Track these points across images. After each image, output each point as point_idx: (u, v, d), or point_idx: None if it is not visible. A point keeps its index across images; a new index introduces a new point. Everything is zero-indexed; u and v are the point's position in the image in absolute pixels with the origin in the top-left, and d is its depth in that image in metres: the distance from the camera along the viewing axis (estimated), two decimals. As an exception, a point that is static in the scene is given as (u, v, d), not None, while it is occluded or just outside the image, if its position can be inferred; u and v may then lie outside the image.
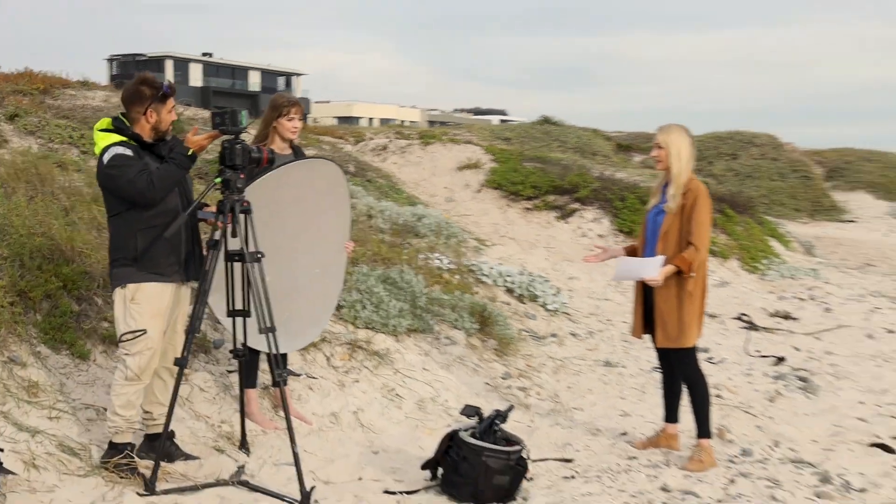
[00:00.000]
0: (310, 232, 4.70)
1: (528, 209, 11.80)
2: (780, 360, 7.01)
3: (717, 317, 8.50)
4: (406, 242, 8.10)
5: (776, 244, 12.93)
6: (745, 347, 7.49)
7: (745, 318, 8.69)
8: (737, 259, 11.36)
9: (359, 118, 62.12)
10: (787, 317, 8.95)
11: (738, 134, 24.26)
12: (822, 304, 9.71)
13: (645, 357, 6.86)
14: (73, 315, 4.70)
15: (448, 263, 7.73)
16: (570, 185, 12.03)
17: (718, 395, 5.73)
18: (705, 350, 7.03)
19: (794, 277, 11.28)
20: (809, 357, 7.20)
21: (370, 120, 60.50)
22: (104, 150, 3.89)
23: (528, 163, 13.11)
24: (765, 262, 11.63)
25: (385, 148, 14.35)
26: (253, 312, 4.03)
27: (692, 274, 4.51)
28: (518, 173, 12.50)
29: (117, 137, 3.91)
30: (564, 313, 8.00)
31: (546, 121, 21.20)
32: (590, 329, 7.81)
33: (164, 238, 3.90)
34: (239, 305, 4.19)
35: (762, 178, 21.87)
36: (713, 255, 10.38)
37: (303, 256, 4.70)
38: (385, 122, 52.65)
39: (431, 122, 58.96)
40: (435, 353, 6.06)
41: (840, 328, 8.43)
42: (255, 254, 3.98)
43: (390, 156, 14.01)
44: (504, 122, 42.34)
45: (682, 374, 4.71)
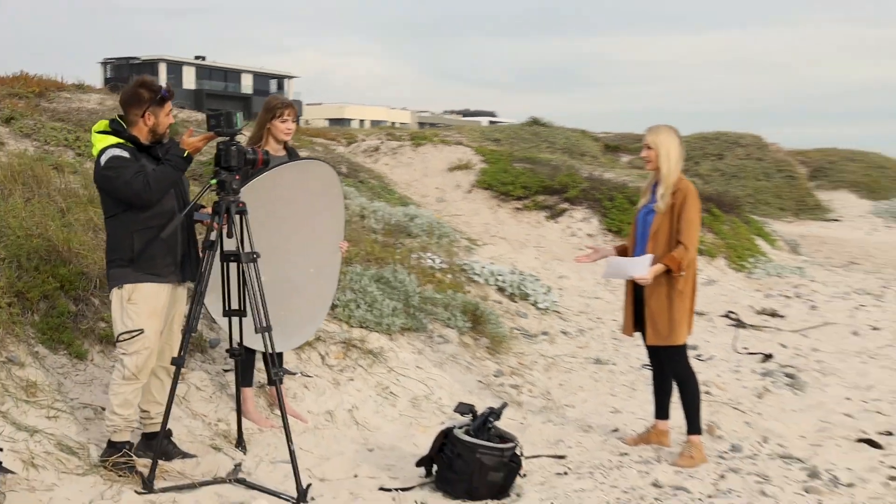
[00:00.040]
0: (304, 232, 4.73)
1: (518, 209, 11.87)
2: (768, 357, 7.07)
3: (705, 314, 8.56)
4: (399, 242, 8.14)
5: (762, 243, 13.03)
6: (733, 345, 7.55)
7: (733, 315, 8.77)
8: (724, 257, 11.45)
9: (350, 120, 62.07)
10: (773, 314, 9.03)
11: (724, 134, 24.34)
12: (807, 302, 9.82)
13: (635, 354, 6.91)
14: (71, 315, 4.72)
15: (440, 263, 7.77)
16: (560, 185, 12.10)
17: (707, 392, 5.78)
18: (694, 347, 7.07)
19: (780, 275, 11.39)
20: (796, 354, 7.27)
21: (361, 122, 60.50)
22: (101, 152, 3.91)
23: (517, 163, 13.16)
24: (751, 260, 11.74)
25: (377, 149, 14.39)
26: (249, 312, 4.05)
27: (682, 273, 4.55)
28: (508, 174, 12.56)
29: (114, 139, 3.93)
30: (555, 312, 8.05)
31: (535, 122, 21.26)
32: (580, 327, 7.86)
33: (161, 239, 3.91)
34: (235, 305, 4.21)
35: (748, 177, 21.98)
36: (701, 253, 10.46)
37: (298, 256, 4.72)
38: (376, 123, 52.67)
39: (421, 124, 59.02)
40: (428, 351, 6.10)
41: (826, 325, 8.52)
42: (251, 254, 4.00)
43: (382, 157, 14.05)
44: (493, 123, 42.35)
45: (672, 371, 4.75)
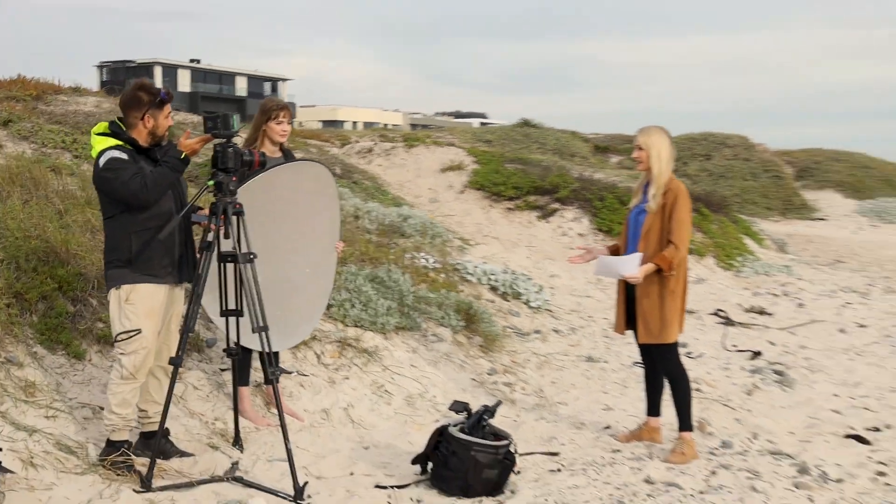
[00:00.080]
0: (301, 232, 4.75)
1: (509, 209, 11.94)
2: (757, 354, 7.14)
3: (694, 312, 8.63)
4: (392, 242, 8.19)
5: (750, 242, 13.14)
6: (722, 342, 7.63)
7: (722, 313, 8.84)
8: (712, 256, 11.56)
9: (343, 122, 62.09)
10: (761, 312, 9.11)
11: (711, 135, 24.47)
12: (795, 300, 9.92)
13: (626, 352, 6.98)
14: (69, 316, 4.74)
15: (433, 263, 7.82)
16: (551, 185, 12.19)
17: (698, 389, 5.82)
18: (684, 345, 7.12)
19: (767, 274, 11.51)
20: (784, 351, 7.35)
21: (354, 123, 60.55)
22: (100, 154, 3.93)
23: (509, 164, 13.23)
24: (739, 259, 11.84)
25: (370, 150, 14.44)
26: (246, 312, 4.07)
27: (672, 272, 4.60)
28: (500, 174, 12.63)
29: (114, 141, 3.95)
30: (547, 310, 8.12)
31: (525, 123, 21.30)
32: (572, 325, 7.92)
33: (158, 240, 3.94)
34: (232, 305, 4.24)
35: (735, 177, 22.12)
36: (690, 252, 10.53)
37: (294, 256, 4.75)
38: (368, 125, 52.70)
39: (413, 125, 59.07)
40: (422, 350, 6.14)
41: (813, 323, 8.61)
42: (248, 254, 4.03)
43: (375, 158, 14.10)
44: (484, 124, 42.37)
45: (664, 369, 4.79)
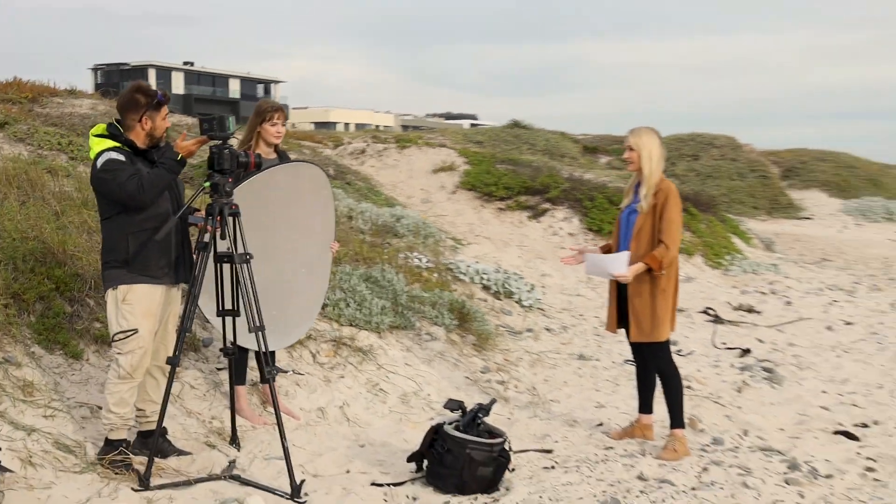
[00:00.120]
0: (296, 233, 4.79)
1: (501, 209, 12.01)
2: (746, 351, 7.22)
3: (684, 311, 8.69)
4: (386, 242, 8.24)
5: (738, 241, 13.24)
6: (712, 340, 7.70)
7: (711, 311, 8.92)
8: (701, 255, 11.66)
9: (335, 123, 62.11)
10: (750, 310, 9.20)
11: (699, 136, 24.55)
12: (783, 298, 10.02)
13: (617, 350, 7.04)
14: (66, 316, 4.77)
15: (427, 262, 7.88)
16: (541, 185, 12.25)
17: (688, 387, 5.87)
18: (674, 343, 7.18)
19: (755, 272, 11.61)
20: (773, 349, 7.43)
21: (346, 125, 60.57)
22: (98, 155, 3.96)
23: (500, 165, 13.29)
24: (728, 257, 11.95)
25: (363, 152, 14.47)
26: (242, 312, 4.11)
27: (662, 272, 4.66)
28: (491, 175, 12.69)
29: (112, 143, 3.98)
30: (539, 309, 8.18)
31: (516, 124, 21.30)
32: (563, 324, 7.99)
33: (155, 241, 3.97)
34: (229, 305, 4.27)
35: (722, 177, 22.24)
36: (679, 251, 10.65)
37: (290, 257, 4.79)
38: (360, 126, 52.69)
39: (405, 127, 59.08)
40: (416, 348, 6.18)
41: (801, 321, 8.70)
42: (244, 255, 4.06)
43: (368, 159, 14.14)
44: (475, 126, 42.39)
45: (655, 367, 4.84)
